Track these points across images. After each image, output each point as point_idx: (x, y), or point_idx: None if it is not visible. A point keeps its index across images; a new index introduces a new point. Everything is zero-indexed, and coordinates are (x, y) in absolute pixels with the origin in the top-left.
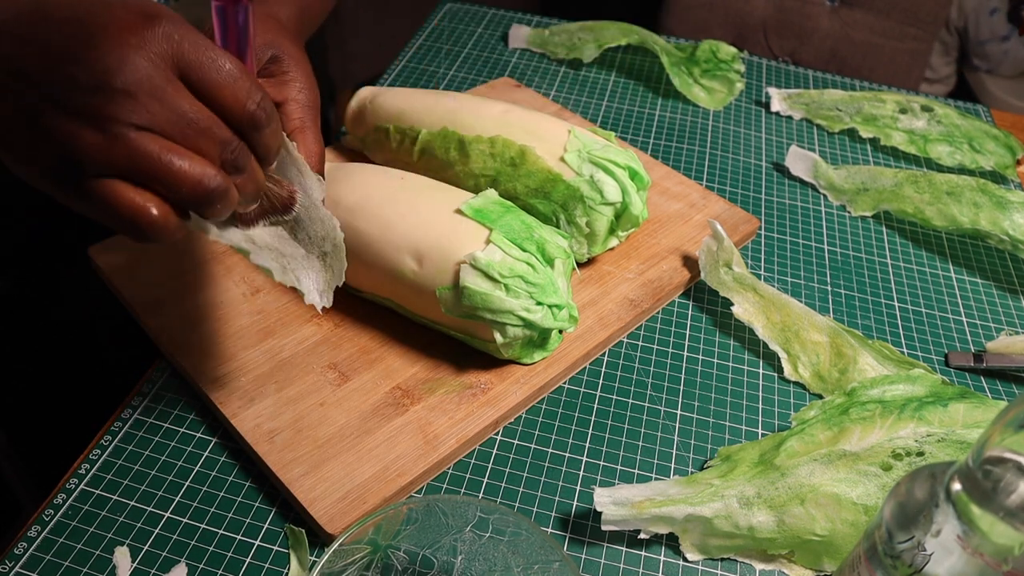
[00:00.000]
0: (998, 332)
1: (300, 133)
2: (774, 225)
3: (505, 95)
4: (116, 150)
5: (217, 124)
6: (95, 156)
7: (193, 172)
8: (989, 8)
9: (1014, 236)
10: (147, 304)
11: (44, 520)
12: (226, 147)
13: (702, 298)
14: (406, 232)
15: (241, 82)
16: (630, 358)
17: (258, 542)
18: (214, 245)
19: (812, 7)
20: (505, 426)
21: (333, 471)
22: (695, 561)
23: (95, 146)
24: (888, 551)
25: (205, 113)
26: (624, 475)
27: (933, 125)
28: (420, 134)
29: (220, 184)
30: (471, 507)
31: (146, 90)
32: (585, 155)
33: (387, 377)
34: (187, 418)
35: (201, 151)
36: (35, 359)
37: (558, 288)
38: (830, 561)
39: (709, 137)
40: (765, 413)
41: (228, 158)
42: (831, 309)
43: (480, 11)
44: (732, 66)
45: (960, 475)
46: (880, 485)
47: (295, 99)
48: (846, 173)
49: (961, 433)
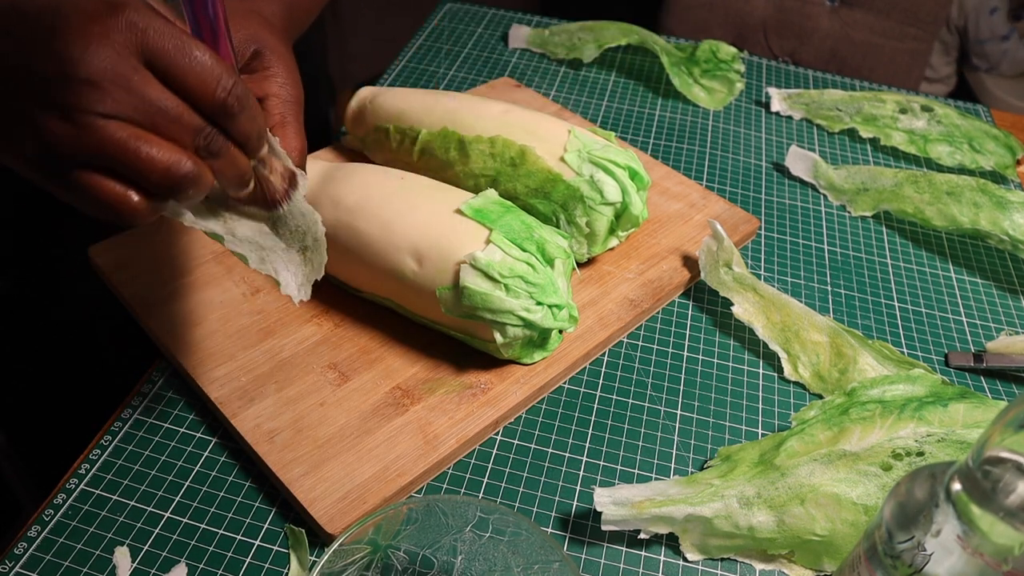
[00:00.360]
0: (998, 332)
1: (281, 128)
2: (774, 225)
3: (505, 95)
4: (85, 139)
5: (187, 112)
6: (67, 146)
7: (162, 159)
8: (989, 7)
9: (1014, 236)
10: (147, 304)
11: (44, 520)
12: (198, 134)
13: (702, 298)
14: (406, 232)
15: (209, 69)
16: (630, 358)
17: (258, 542)
18: (214, 245)
19: (812, 7)
20: (505, 426)
21: (333, 471)
22: (695, 561)
23: (65, 136)
24: (888, 551)
25: (173, 101)
26: (624, 475)
27: (933, 125)
28: (420, 134)
29: (191, 170)
30: (471, 507)
31: (110, 79)
32: (585, 155)
33: (387, 377)
34: (187, 418)
35: (173, 138)
36: (35, 359)
37: (558, 288)
38: (830, 561)
39: (709, 137)
40: (765, 413)
41: (201, 144)
42: (831, 309)
43: (480, 11)
44: (732, 66)
45: (960, 475)
46: (880, 485)
47: (276, 94)
48: (846, 173)
49: (961, 433)
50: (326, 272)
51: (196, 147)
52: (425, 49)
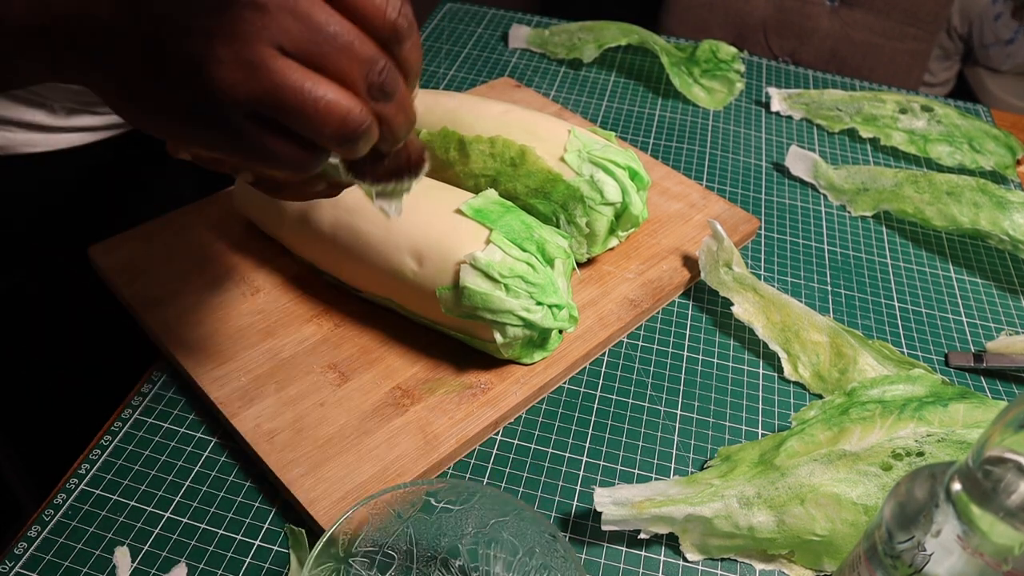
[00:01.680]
0: (998, 332)
1: None
2: (774, 225)
3: (505, 95)
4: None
5: (360, 38)
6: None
7: (339, 108)
8: (994, 13)
9: (1014, 236)
10: (147, 304)
11: (44, 520)
12: (372, 66)
13: (702, 298)
14: (406, 232)
15: None
16: (630, 358)
17: (258, 542)
18: (214, 245)
19: (812, 7)
20: (505, 426)
21: (333, 471)
22: (695, 561)
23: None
24: (888, 551)
25: (344, 25)
26: (624, 475)
27: (933, 125)
28: (420, 134)
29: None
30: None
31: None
32: (585, 155)
33: (387, 377)
34: (187, 418)
35: (343, 74)
36: (35, 359)
37: (558, 288)
38: (830, 561)
39: (709, 137)
40: (765, 413)
41: (375, 80)
42: (831, 309)
43: (480, 11)
44: (732, 66)
45: (960, 475)
46: (880, 485)
47: None
48: (846, 173)
49: (961, 433)
50: (326, 272)
51: (369, 84)
52: (425, 49)
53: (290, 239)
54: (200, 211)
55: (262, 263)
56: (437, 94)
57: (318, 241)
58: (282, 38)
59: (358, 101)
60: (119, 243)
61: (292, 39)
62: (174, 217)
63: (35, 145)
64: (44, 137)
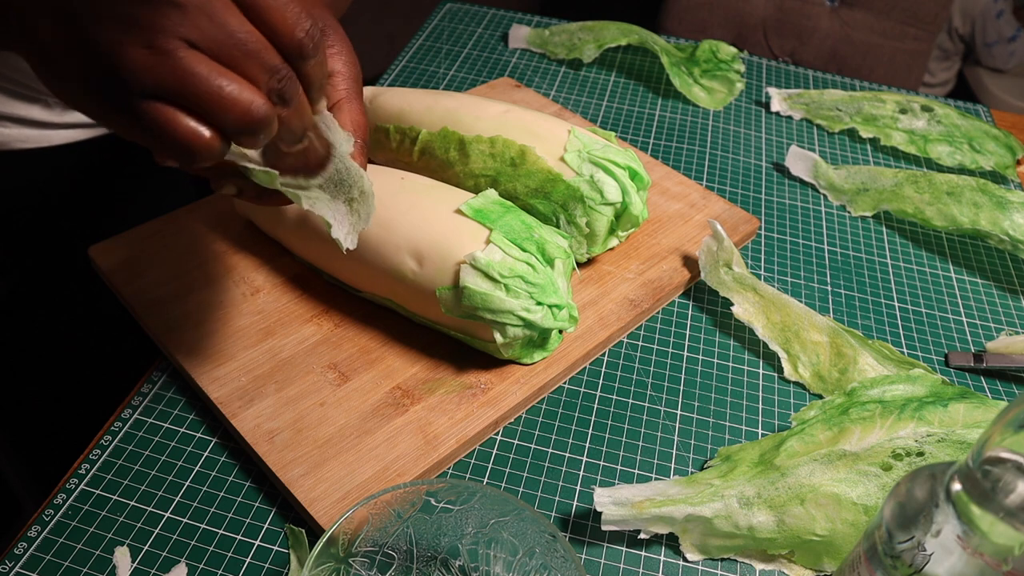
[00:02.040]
0: (998, 332)
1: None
2: (774, 225)
3: (505, 95)
4: (164, 69)
5: (266, 48)
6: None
7: (242, 98)
8: (995, 11)
9: (1014, 236)
10: (147, 304)
11: (44, 520)
12: (274, 74)
13: (702, 298)
14: (406, 232)
15: (292, 6)
16: (630, 358)
17: (258, 542)
18: (214, 245)
19: (812, 7)
20: (505, 426)
21: (333, 471)
22: (695, 561)
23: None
24: (888, 551)
25: (255, 35)
26: (624, 475)
27: (933, 125)
28: (420, 134)
29: (267, 113)
30: (474, 494)
31: (194, 2)
32: (585, 155)
33: (387, 377)
34: (187, 418)
35: (247, 76)
36: (35, 359)
37: (558, 288)
38: (830, 561)
39: (709, 137)
40: (765, 413)
41: (275, 87)
42: (831, 309)
43: (480, 11)
44: (732, 66)
45: (960, 475)
46: (880, 485)
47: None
48: (846, 173)
49: (961, 433)
50: (326, 272)
51: (269, 90)
52: (425, 49)
53: (290, 239)
54: (200, 211)
55: (262, 263)
56: (437, 94)
57: (318, 241)
58: (195, 35)
59: (260, 96)
60: (119, 243)
61: (205, 38)
62: (174, 217)
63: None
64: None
